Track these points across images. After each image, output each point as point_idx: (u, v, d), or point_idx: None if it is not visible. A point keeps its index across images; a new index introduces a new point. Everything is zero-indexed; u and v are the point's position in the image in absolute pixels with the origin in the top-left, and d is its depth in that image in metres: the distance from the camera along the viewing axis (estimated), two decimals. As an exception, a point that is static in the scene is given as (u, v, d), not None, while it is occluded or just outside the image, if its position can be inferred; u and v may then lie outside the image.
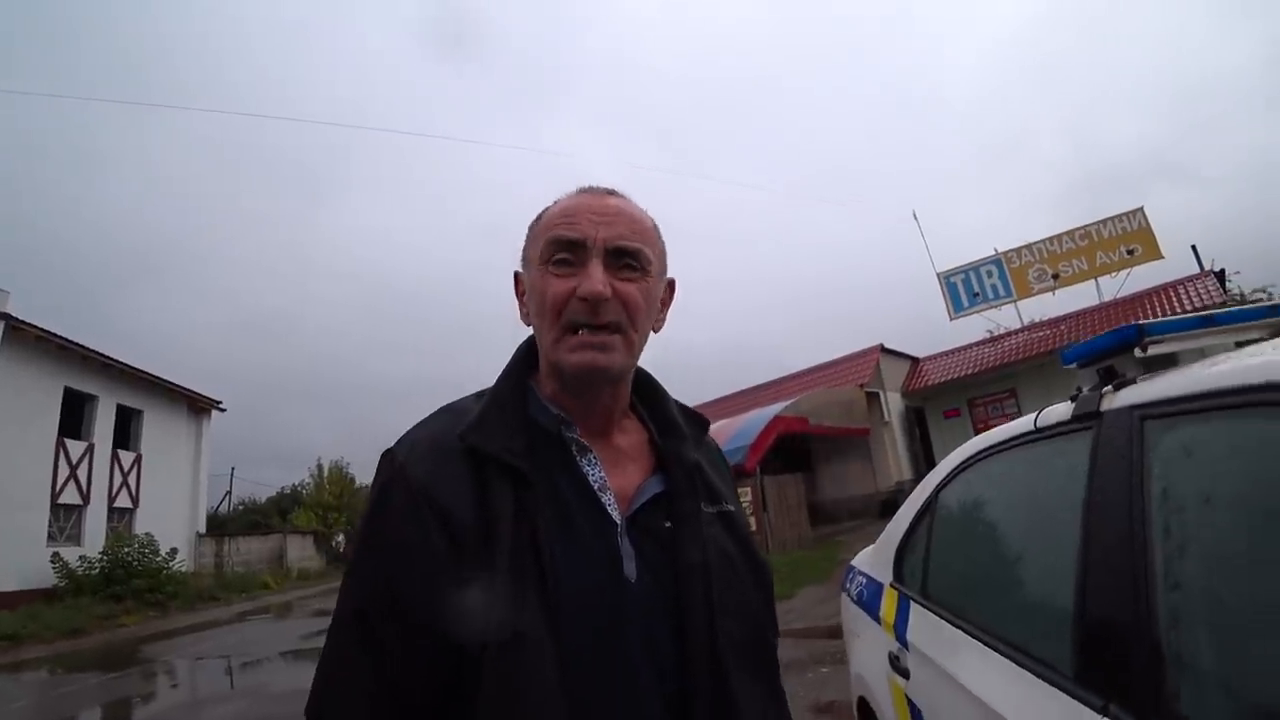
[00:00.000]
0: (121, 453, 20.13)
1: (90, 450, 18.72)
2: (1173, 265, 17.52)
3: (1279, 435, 0.87)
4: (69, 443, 18.00)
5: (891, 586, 2.18)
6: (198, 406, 24.25)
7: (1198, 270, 16.86)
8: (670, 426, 0.92)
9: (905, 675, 1.82)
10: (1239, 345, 1.26)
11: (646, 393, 0.97)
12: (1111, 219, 17.87)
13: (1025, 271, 18.68)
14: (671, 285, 0.95)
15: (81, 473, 18.28)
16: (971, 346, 19.94)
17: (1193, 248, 17.36)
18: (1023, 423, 1.57)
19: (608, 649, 0.75)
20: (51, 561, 16.15)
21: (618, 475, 0.85)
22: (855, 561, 2.72)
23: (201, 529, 23.65)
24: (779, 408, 14.85)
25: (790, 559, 11.49)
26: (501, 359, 0.92)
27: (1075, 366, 1.40)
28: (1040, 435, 1.48)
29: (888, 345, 19.79)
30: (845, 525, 16.38)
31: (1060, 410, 1.40)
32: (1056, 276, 18.15)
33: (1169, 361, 1.24)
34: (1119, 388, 1.22)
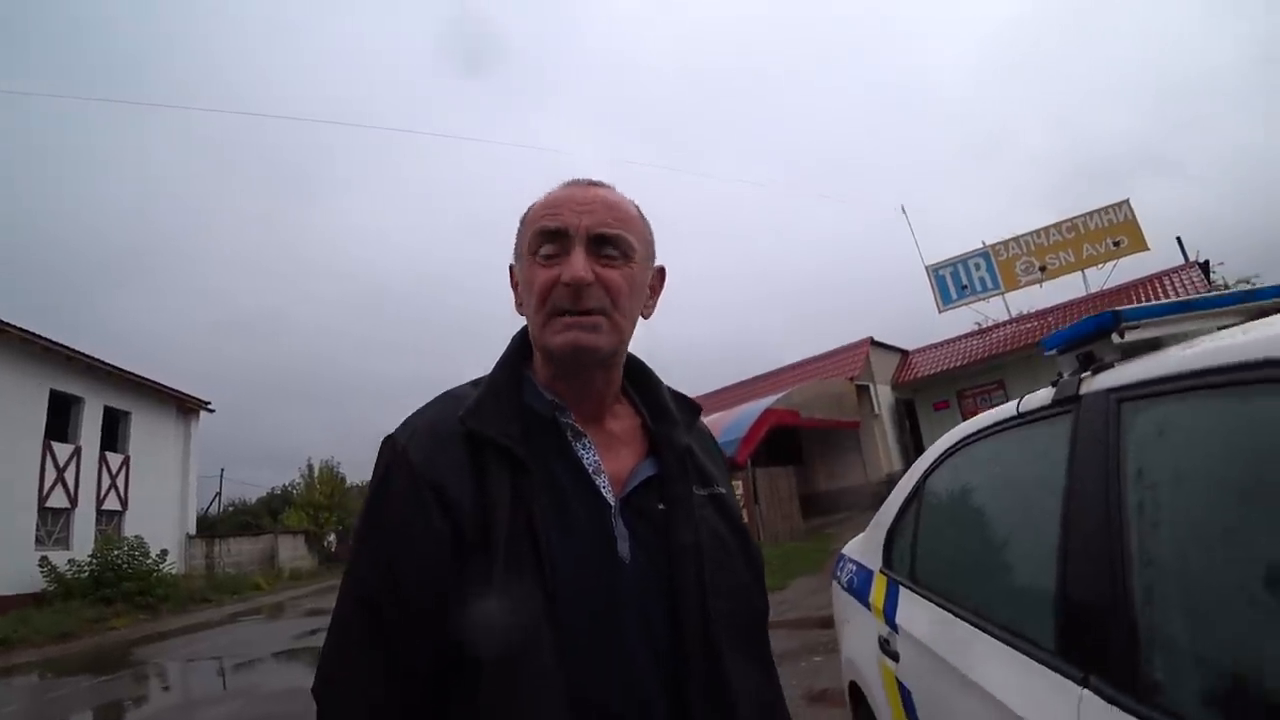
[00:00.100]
0: (109, 455, 19.93)
1: (77, 453, 18.54)
2: (1158, 257, 17.70)
3: (1244, 413, 0.90)
4: (56, 445, 17.81)
5: (881, 572, 2.21)
6: (186, 407, 24.02)
7: (1183, 261, 17.03)
8: (662, 412, 0.94)
9: (895, 658, 1.86)
10: (1221, 330, 1.29)
11: (639, 379, 0.99)
12: (1098, 211, 17.97)
13: (1013, 264, 18.77)
14: (661, 272, 0.97)
15: (69, 476, 18.09)
16: (960, 339, 20.04)
17: (1178, 239, 17.54)
18: (1006, 409, 1.61)
19: (604, 631, 0.77)
20: (40, 565, 15.98)
21: (611, 459, 0.88)
22: (845, 550, 2.75)
23: (191, 530, 23.44)
24: (770, 401, 14.86)
25: (782, 551, 11.54)
26: (494, 357, 0.94)
27: (1056, 353, 1.43)
28: (1023, 420, 1.51)
29: (877, 338, 19.87)
30: (836, 517, 16.42)
31: (1041, 396, 1.43)
32: (1044, 269, 18.25)
33: (1150, 347, 1.27)
34: (1097, 372, 1.25)
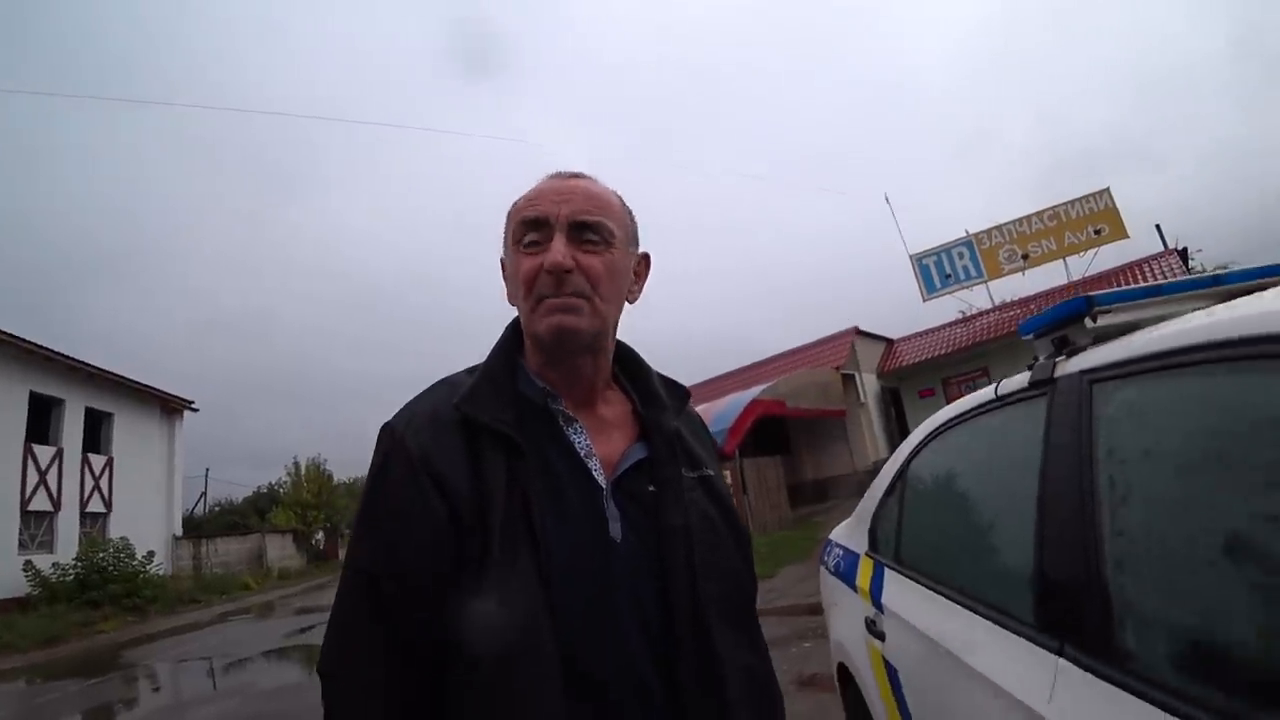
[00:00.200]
0: (92, 456, 19.70)
1: (59, 455, 18.31)
2: (1138, 244, 17.97)
3: (1205, 392, 0.95)
4: (37, 448, 17.58)
5: (867, 555, 2.26)
6: (169, 407, 23.77)
7: (1162, 249, 17.30)
8: (652, 397, 0.97)
9: (881, 638, 1.90)
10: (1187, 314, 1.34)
11: (629, 366, 1.02)
12: (1079, 200, 18.16)
13: (996, 252, 18.94)
14: (646, 259, 1.00)
15: (51, 478, 17.87)
16: (944, 327, 20.25)
17: (1157, 227, 17.84)
18: (985, 392, 1.65)
19: (598, 610, 0.80)
20: (24, 570, 15.79)
21: (603, 443, 0.90)
22: (832, 535, 2.80)
23: (178, 531, 23.28)
24: (757, 391, 14.92)
25: (771, 540, 11.63)
26: (477, 355, 0.97)
27: (1032, 338, 1.48)
28: (1001, 403, 1.56)
29: (863, 328, 20.01)
30: (824, 505, 16.56)
31: (1019, 379, 1.48)
32: (1026, 257, 18.43)
33: (1121, 331, 1.31)
34: (1071, 355, 1.29)
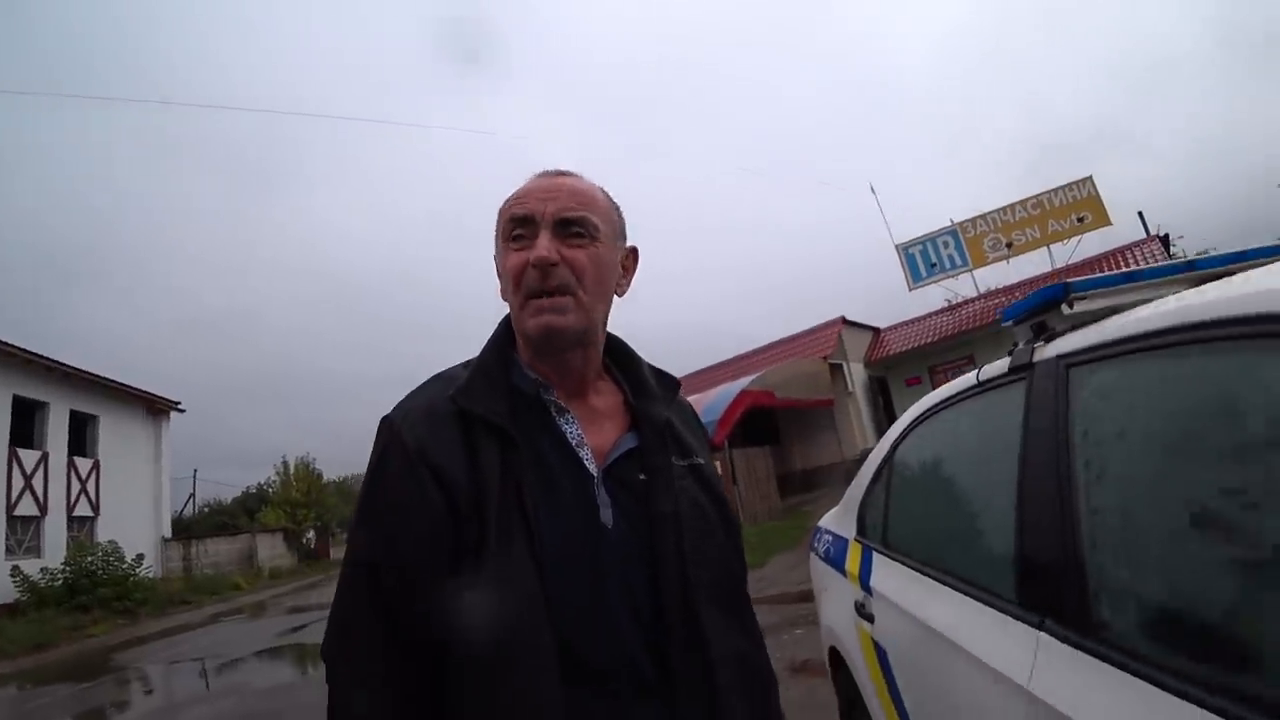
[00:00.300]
0: (78, 460, 19.52)
1: (44, 459, 18.12)
2: (1121, 231, 18.17)
3: (1174, 373, 0.98)
4: (21, 452, 17.39)
5: (856, 540, 2.30)
6: (155, 408, 23.56)
7: (1144, 235, 17.48)
8: (643, 388, 1.00)
9: (870, 620, 1.95)
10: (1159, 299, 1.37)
11: (620, 357, 1.04)
12: (1062, 188, 18.32)
13: (980, 241, 19.09)
14: (634, 253, 1.02)
15: (37, 483, 17.70)
16: (930, 316, 20.38)
17: (1139, 214, 18.06)
18: (967, 378, 1.69)
19: (590, 594, 0.83)
20: (11, 576, 15.63)
21: (594, 433, 0.93)
22: (822, 522, 2.85)
23: (167, 533, 23.12)
24: (745, 382, 14.95)
25: (761, 529, 11.73)
26: (463, 354, 0.99)
27: (1012, 324, 1.51)
28: (982, 388, 1.60)
29: (849, 317, 20.10)
30: (813, 494, 16.64)
31: (999, 365, 1.52)
32: (1010, 245, 18.58)
33: (1097, 316, 1.35)
34: (1049, 341, 1.33)
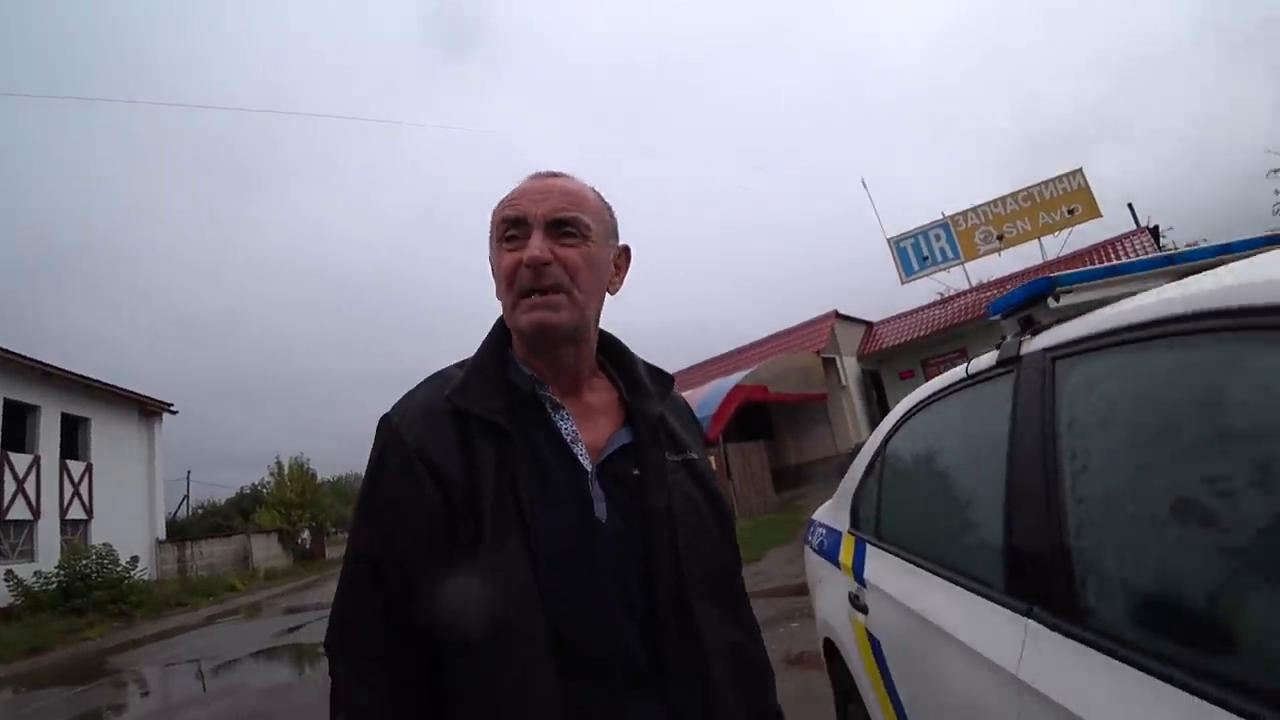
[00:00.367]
0: (71, 463, 19.43)
1: (37, 463, 18.04)
2: (1111, 223, 18.29)
3: (1155, 364, 1.01)
4: (13, 456, 17.33)
5: (849, 533, 2.33)
6: (147, 410, 23.45)
7: (1134, 227, 17.58)
8: (637, 384, 1.02)
9: (864, 611, 1.97)
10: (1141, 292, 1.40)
11: (615, 354, 1.06)
12: (1052, 180, 18.42)
13: (971, 234, 19.18)
14: (626, 251, 1.04)
15: (29, 486, 17.63)
16: (923, 309, 20.44)
17: (1129, 206, 18.11)
18: (956, 372, 1.72)
19: (585, 591, 0.85)
20: (5, 580, 15.61)
21: (589, 429, 0.95)
22: (816, 515, 2.87)
23: (161, 535, 23.03)
24: (739, 377, 15.00)
25: (756, 523, 11.78)
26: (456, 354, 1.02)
27: (1000, 318, 1.54)
28: (972, 381, 1.62)
29: (842, 311, 20.16)
30: (807, 488, 16.72)
31: (987, 358, 1.54)
32: (1001, 238, 18.68)
33: (1082, 309, 1.38)
34: (1035, 334, 1.36)
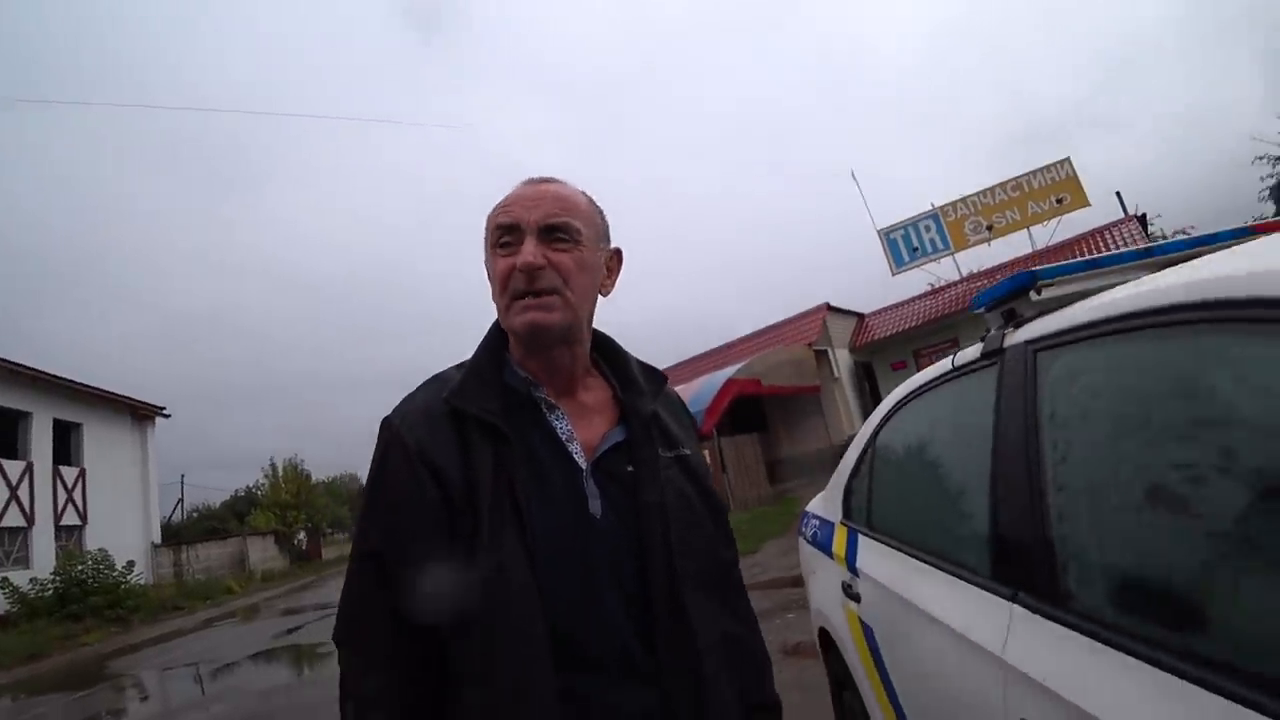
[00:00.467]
0: (64, 469, 19.33)
1: (29, 469, 17.95)
2: (1100, 211, 18.41)
3: (1132, 356, 1.05)
4: (5, 463, 17.25)
5: (841, 523, 2.37)
6: (140, 414, 23.32)
7: (1122, 215, 17.71)
8: (630, 383, 1.05)
9: (857, 600, 2.01)
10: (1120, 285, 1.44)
11: (608, 354, 1.09)
12: (1041, 170, 18.50)
13: (961, 224, 19.25)
14: (618, 254, 1.07)
15: (23, 493, 17.54)
16: (914, 300, 20.57)
17: (1117, 194, 18.26)
18: (943, 364, 1.76)
19: (581, 586, 0.88)
20: (1, 588, 15.53)
21: (584, 428, 0.98)
22: (809, 506, 2.92)
23: (157, 539, 22.94)
24: (732, 371, 15.05)
25: (752, 516, 11.86)
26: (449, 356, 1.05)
27: (984, 311, 1.58)
28: (957, 373, 1.66)
29: (834, 303, 20.23)
30: (802, 480, 16.78)
31: (972, 351, 1.58)
32: (991, 228, 18.76)
33: (1063, 302, 1.41)
34: (1018, 327, 1.39)
